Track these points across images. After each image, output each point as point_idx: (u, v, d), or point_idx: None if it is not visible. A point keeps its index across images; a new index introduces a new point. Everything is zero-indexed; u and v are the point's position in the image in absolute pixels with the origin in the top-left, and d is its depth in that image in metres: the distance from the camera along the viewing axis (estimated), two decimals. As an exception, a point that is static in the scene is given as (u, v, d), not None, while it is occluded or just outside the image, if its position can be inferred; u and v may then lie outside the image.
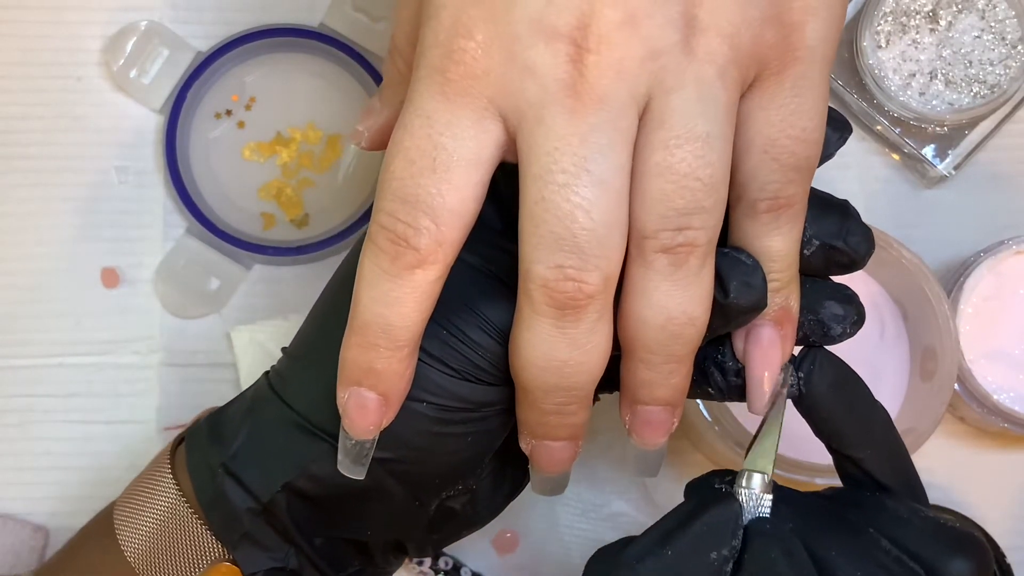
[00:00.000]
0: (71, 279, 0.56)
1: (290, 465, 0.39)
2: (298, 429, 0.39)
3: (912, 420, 0.51)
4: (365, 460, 0.37)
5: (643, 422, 0.38)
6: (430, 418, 0.38)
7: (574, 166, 0.33)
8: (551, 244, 0.34)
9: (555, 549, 0.55)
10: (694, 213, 0.34)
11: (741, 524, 0.37)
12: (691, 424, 0.53)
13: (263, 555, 0.40)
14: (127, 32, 0.56)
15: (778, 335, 0.38)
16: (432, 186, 0.34)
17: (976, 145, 0.56)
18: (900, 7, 0.55)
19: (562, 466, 0.39)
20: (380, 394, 0.36)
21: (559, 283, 0.34)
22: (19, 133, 0.56)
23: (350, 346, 0.36)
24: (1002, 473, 0.56)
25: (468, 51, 0.34)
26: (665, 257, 0.34)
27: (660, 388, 0.37)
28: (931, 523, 0.37)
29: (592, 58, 0.33)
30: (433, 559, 0.54)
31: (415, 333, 0.35)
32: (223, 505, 0.40)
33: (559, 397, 0.36)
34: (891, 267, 0.52)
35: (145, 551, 0.42)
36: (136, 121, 0.56)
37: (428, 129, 0.34)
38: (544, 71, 0.33)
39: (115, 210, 0.56)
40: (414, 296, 0.35)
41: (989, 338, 0.53)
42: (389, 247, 0.34)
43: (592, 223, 0.33)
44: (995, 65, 0.55)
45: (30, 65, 0.56)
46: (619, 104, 0.33)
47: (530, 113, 0.34)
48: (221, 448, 0.41)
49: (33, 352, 0.55)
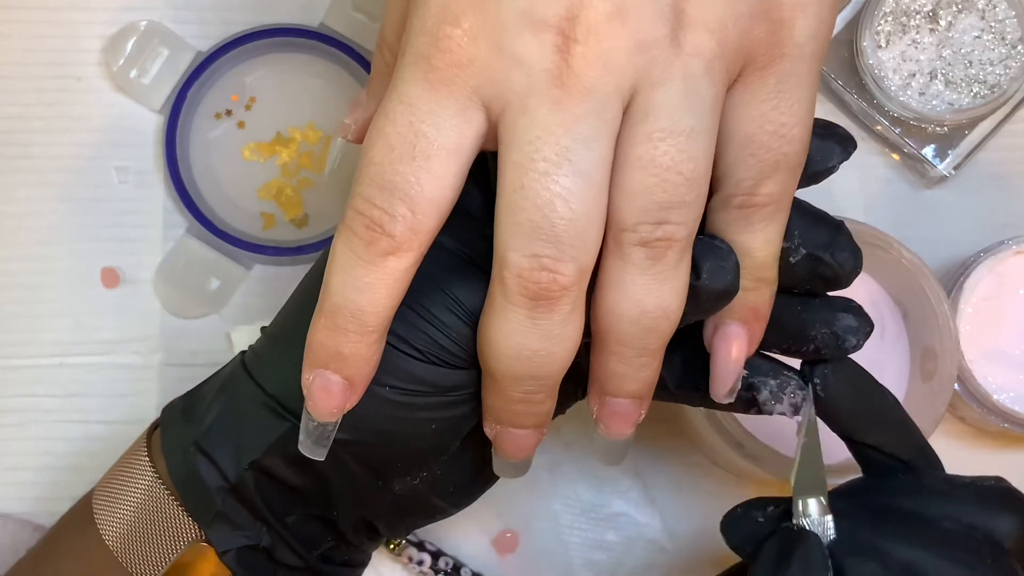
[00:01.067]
0: (71, 279, 0.56)
1: (257, 444, 0.39)
2: (267, 409, 0.39)
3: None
4: (327, 442, 0.37)
5: (611, 413, 0.38)
6: (393, 402, 0.38)
7: (556, 155, 0.33)
8: (528, 232, 0.34)
9: (555, 549, 0.55)
10: (674, 207, 0.34)
11: (826, 553, 0.37)
12: (691, 424, 0.53)
13: (236, 533, 0.40)
14: (127, 32, 0.56)
15: (745, 332, 0.38)
16: (411, 174, 0.34)
17: (976, 145, 0.56)
18: (900, 7, 0.55)
19: (525, 452, 0.39)
20: (345, 378, 0.36)
21: (534, 272, 0.34)
22: (19, 133, 0.56)
23: (318, 329, 0.36)
24: (1002, 473, 0.55)
25: (454, 39, 0.34)
26: (643, 250, 0.34)
27: (630, 381, 0.37)
28: (971, 490, 0.39)
29: (580, 49, 0.33)
30: (433, 559, 0.54)
31: (385, 319, 0.35)
32: (196, 484, 0.40)
33: (527, 386, 0.36)
34: (891, 267, 0.52)
35: (123, 534, 0.42)
36: (136, 121, 0.56)
37: (410, 116, 0.34)
38: (531, 61, 0.33)
39: (115, 210, 0.56)
40: (386, 283, 0.35)
41: (989, 338, 0.53)
42: (364, 232, 0.34)
43: (571, 213, 0.33)
44: (995, 65, 0.55)
45: (30, 65, 0.56)
46: (605, 96, 0.33)
47: (515, 102, 0.34)
48: (194, 426, 0.41)
49: (33, 352, 0.55)
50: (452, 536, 0.55)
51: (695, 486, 0.55)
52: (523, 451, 0.39)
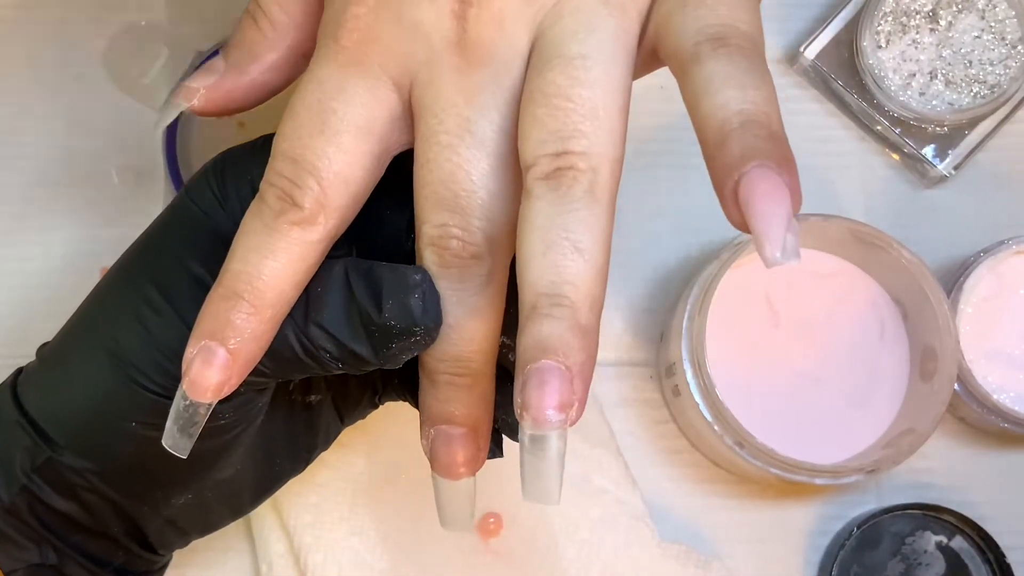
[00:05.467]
0: (71, 279, 0.56)
1: (23, 469, 0.38)
2: (26, 432, 0.38)
3: (912, 420, 0.51)
4: (193, 432, 0.35)
5: (541, 394, 0.31)
6: (141, 436, 0.37)
7: (457, 127, 0.34)
8: (435, 204, 0.34)
9: (540, 531, 0.55)
10: (571, 137, 0.32)
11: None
12: (691, 424, 0.53)
13: (21, 553, 0.39)
14: (127, 32, 0.56)
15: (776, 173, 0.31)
16: (319, 147, 0.34)
17: (976, 145, 0.56)
18: (900, 7, 0.55)
19: (462, 466, 0.36)
20: (230, 351, 0.34)
21: (444, 240, 0.34)
22: (19, 133, 0.56)
23: (212, 298, 0.34)
24: (1002, 473, 0.56)
25: (360, 17, 0.34)
26: (544, 184, 0.32)
27: (559, 343, 0.32)
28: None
29: (474, 12, 0.33)
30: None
31: (282, 295, 0.34)
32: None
33: (450, 367, 0.35)
34: (891, 267, 0.52)
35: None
36: (136, 121, 0.56)
37: (319, 94, 0.34)
38: (429, 29, 0.34)
39: (115, 210, 0.56)
40: (288, 252, 0.34)
41: (989, 338, 0.53)
42: (275, 203, 0.34)
43: (472, 185, 0.34)
44: (995, 65, 0.55)
45: (30, 65, 0.56)
46: (504, 58, 0.34)
47: (421, 74, 0.34)
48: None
49: (33, 352, 0.55)
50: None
51: (682, 474, 0.55)
52: (459, 463, 0.36)
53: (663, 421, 0.55)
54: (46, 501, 0.39)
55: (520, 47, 0.34)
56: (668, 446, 0.55)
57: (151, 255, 0.38)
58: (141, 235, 0.39)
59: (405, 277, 0.34)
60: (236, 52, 0.38)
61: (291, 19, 0.38)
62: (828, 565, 0.53)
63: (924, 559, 0.53)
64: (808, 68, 0.57)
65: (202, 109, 0.38)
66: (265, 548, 0.52)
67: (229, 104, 0.39)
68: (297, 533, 0.51)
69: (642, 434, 0.55)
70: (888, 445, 0.51)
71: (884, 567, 0.53)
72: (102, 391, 0.37)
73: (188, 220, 0.38)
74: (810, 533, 0.55)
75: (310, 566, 0.51)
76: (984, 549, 0.53)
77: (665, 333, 0.54)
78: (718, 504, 0.55)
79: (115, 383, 0.37)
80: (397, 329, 0.34)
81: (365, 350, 0.35)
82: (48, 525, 0.39)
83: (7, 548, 0.39)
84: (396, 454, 0.53)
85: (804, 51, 0.56)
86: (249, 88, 0.38)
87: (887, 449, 0.51)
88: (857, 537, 0.52)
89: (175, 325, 0.36)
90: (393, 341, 0.35)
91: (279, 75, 0.38)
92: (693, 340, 0.50)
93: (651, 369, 0.55)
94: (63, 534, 0.39)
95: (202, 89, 0.38)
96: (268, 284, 0.34)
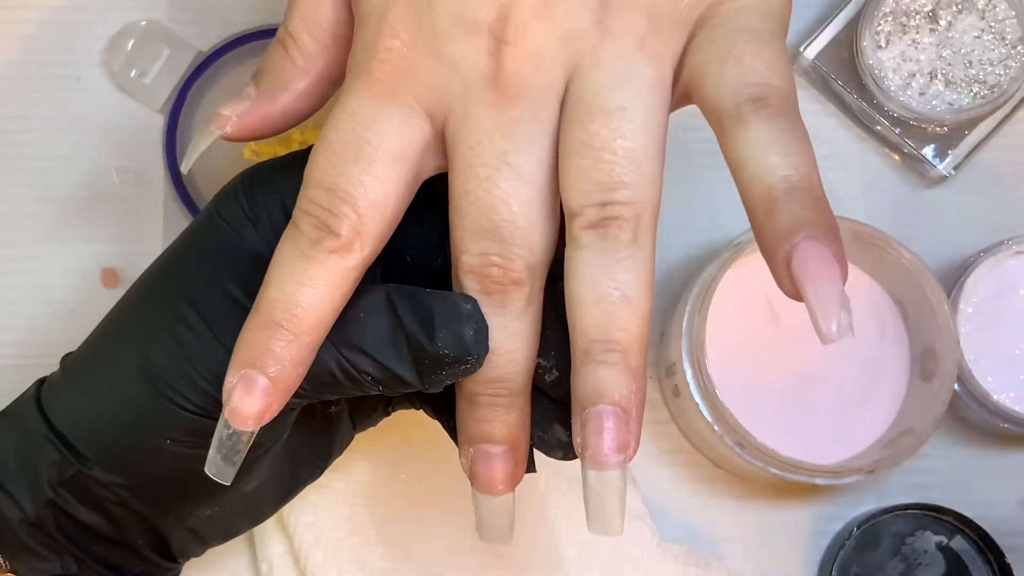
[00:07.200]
0: (71, 279, 0.56)
1: (50, 483, 0.38)
2: (53, 446, 0.38)
3: (912, 420, 0.51)
4: (237, 459, 0.36)
5: (594, 429, 0.35)
6: (176, 454, 0.37)
7: (496, 160, 0.34)
8: (475, 234, 0.34)
9: (540, 531, 0.55)
10: (616, 188, 0.34)
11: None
12: (691, 424, 0.53)
13: (43, 564, 0.39)
14: (127, 32, 0.56)
15: (825, 245, 0.32)
16: (355, 176, 0.34)
17: (976, 145, 0.56)
18: (900, 7, 0.55)
19: (501, 484, 0.37)
20: (270, 379, 0.34)
21: (484, 267, 0.35)
22: (19, 133, 0.56)
23: (250, 327, 0.35)
24: (1002, 473, 0.56)
25: (394, 50, 0.34)
26: (591, 233, 0.34)
27: (608, 385, 0.34)
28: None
29: (510, 51, 0.34)
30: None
31: (320, 322, 0.35)
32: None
33: (491, 388, 0.36)
34: (891, 267, 0.52)
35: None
36: (136, 121, 0.56)
37: (353, 124, 0.34)
38: (466, 65, 0.34)
39: (115, 210, 0.56)
40: (326, 280, 0.34)
41: (989, 338, 0.53)
42: (310, 231, 0.34)
43: (512, 215, 0.34)
44: (995, 65, 0.55)
45: (30, 65, 0.56)
46: (539, 95, 0.34)
47: (456, 108, 0.34)
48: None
49: (33, 352, 0.55)
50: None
51: (682, 474, 0.55)
52: (499, 481, 0.37)
53: (663, 421, 0.55)
54: (72, 514, 0.39)
55: (556, 85, 0.34)
56: (668, 446, 0.55)
57: (182, 271, 0.38)
58: (167, 250, 0.39)
59: (457, 307, 0.35)
60: (267, 80, 0.39)
61: (320, 47, 0.38)
62: (828, 565, 0.53)
63: (924, 559, 0.53)
64: (808, 68, 0.57)
65: (233, 136, 0.39)
66: (265, 548, 0.52)
67: (260, 131, 0.39)
68: (297, 533, 0.51)
69: (642, 434, 0.55)
70: (888, 445, 0.51)
71: (884, 567, 0.53)
72: (135, 407, 0.37)
73: (219, 238, 0.38)
74: (810, 533, 0.55)
75: (310, 566, 0.51)
76: (984, 549, 0.53)
77: (665, 333, 0.54)
78: (718, 504, 0.55)
79: (148, 400, 0.37)
80: (450, 358, 0.35)
81: (410, 375, 0.36)
82: (71, 537, 0.39)
83: (29, 560, 0.39)
84: (397, 454, 0.53)
85: (804, 51, 0.56)
86: (280, 116, 0.39)
87: (887, 449, 0.51)
88: (857, 537, 0.52)
89: (211, 344, 0.36)
90: (444, 369, 0.35)
91: (308, 102, 0.39)
92: (693, 340, 0.50)
93: (651, 369, 0.55)
94: (86, 545, 0.40)
95: (234, 116, 0.39)
96: (306, 312, 0.34)
